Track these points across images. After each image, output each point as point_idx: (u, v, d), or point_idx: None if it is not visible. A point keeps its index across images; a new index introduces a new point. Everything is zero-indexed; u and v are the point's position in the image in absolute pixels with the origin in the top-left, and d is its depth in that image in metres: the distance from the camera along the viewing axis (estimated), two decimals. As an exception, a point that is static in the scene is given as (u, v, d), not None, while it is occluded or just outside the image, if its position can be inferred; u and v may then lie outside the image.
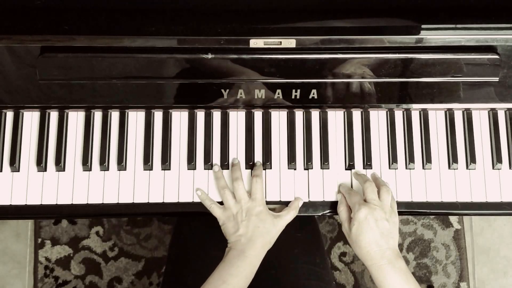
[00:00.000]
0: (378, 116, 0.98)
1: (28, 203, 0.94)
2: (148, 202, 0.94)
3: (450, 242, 1.65)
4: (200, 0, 0.90)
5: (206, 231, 1.05)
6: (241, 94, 0.93)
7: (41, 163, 0.94)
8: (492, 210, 0.96)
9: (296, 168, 0.96)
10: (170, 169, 0.96)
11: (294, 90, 0.93)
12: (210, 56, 0.88)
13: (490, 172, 0.97)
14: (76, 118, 0.97)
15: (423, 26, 0.88)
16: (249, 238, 0.88)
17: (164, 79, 0.92)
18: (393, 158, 0.96)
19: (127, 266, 1.61)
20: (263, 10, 0.89)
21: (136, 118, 0.97)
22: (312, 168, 0.96)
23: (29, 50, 0.89)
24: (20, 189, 0.94)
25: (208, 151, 0.96)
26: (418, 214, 1.03)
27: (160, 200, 0.95)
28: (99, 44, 0.87)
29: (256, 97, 0.94)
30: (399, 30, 0.88)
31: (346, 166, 0.97)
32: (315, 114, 0.98)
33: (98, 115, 0.97)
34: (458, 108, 0.98)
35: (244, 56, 0.89)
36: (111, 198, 0.94)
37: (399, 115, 0.99)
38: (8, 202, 0.94)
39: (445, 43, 0.88)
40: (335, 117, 0.98)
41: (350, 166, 0.96)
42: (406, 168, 0.97)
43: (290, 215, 0.92)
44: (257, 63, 0.90)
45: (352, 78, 0.92)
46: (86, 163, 0.94)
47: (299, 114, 0.98)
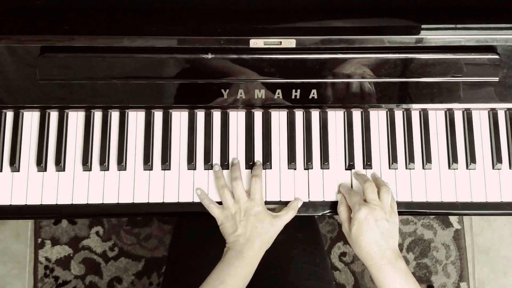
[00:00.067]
0: (378, 116, 0.98)
1: (28, 203, 0.94)
2: (148, 202, 0.94)
3: (450, 242, 1.65)
4: (200, 0, 0.90)
5: (206, 231, 1.05)
6: (241, 94, 0.93)
7: (41, 163, 0.94)
8: (492, 210, 0.96)
9: (296, 168, 0.96)
10: (170, 169, 0.95)
11: (294, 90, 0.93)
12: (210, 56, 0.88)
13: (490, 172, 0.97)
14: (76, 118, 0.97)
15: (423, 26, 0.88)
16: (247, 238, 0.88)
17: (164, 79, 0.92)
18: (393, 158, 0.96)
19: (127, 266, 1.61)
20: (263, 10, 0.89)
21: (136, 118, 0.97)
22: (312, 168, 0.96)
23: (29, 50, 0.89)
24: (20, 189, 0.94)
25: (208, 151, 0.96)
26: (418, 214, 1.03)
27: (160, 200, 0.95)
28: (99, 44, 0.87)
29: (256, 97, 0.94)
30: (399, 30, 0.88)
31: (346, 166, 0.97)
32: (315, 114, 0.98)
33: (98, 115, 0.97)
34: (458, 108, 0.98)
35: (244, 56, 0.89)
36: (111, 198, 0.94)
37: (399, 115, 0.99)
38: (8, 202, 0.94)
39: (445, 43, 0.88)
40: (335, 117, 0.98)
41: (350, 166, 0.96)
42: (406, 168, 0.97)
43: (288, 215, 0.92)
44: (257, 63, 0.90)
45: (352, 78, 0.92)
46: (86, 163, 0.94)
47: (299, 114, 0.98)
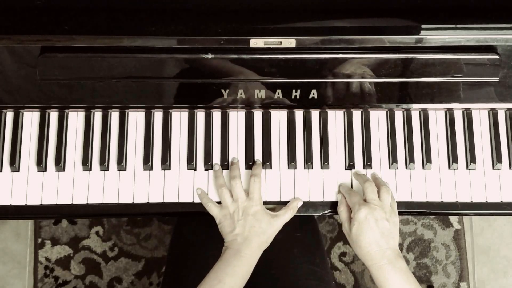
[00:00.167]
0: (378, 116, 0.98)
1: (28, 203, 0.94)
2: (148, 202, 0.94)
3: (450, 242, 1.65)
4: (200, 0, 0.90)
5: (206, 231, 1.05)
6: (241, 94, 0.93)
7: (41, 163, 0.94)
8: (492, 210, 0.96)
9: (296, 168, 0.96)
10: (170, 169, 0.95)
11: (294, 90, 0.93)
12: (210, 56, 0.88)
13: (490, 172, 0.97)
14: (76, 118, 0.97)
15: (423, 26, 0.88)
16: (245, 237, 0.88)
17: (164, 79, 0.92)
18: (393, 158, 0.96)
19: (127, 266, 1.61)
20: (263, 10, 0.89)
21: (136, 118, 0.97)
22: (312, 168, 0.96)
23: (29, 50, 0.89)
24: (20, 189, 0.94)
25: (208, 151, 0.96)
26: (418, 214, 1.03)
27: (160, 200, 0.95)
28: (99, 44, 0.87)
29: (256, 97, 0.94)
30: (399, 30, 0.88)
31: (346, 166, 0.97)
32: (315, 114, 0.98)
33: (98, 115, 0.97)
34: (458, 108, 0.98)
35: (244, 56, 0.89)
36: (111, 198, 0.94)
37: (399, 115, 0.99)
38: (8, 202, 0.94)
39: (445, 43, 0.88)
40: (335, 117, 0.98)
41: (350, 166, 0.96)
42: (406, 168, 0.97)
43: (287, 215, 0.92)
44: (257, 63, 0.90)
45: (352, 78, 0.92)
46: (86, 163, 0.94)
47: (299, 114, 0.98)
